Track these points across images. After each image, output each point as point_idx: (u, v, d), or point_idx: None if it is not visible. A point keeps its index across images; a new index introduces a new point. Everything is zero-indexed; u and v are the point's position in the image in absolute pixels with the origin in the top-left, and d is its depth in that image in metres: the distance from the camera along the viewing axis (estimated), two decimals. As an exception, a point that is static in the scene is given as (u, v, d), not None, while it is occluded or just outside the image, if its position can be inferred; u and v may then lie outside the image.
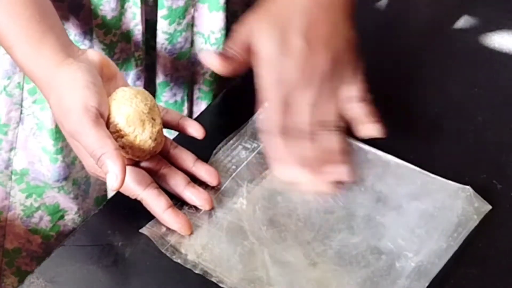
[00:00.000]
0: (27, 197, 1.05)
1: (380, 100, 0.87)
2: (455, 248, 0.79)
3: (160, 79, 1.04)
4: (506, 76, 1.05)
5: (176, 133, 0.88)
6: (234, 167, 0.86)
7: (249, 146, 0.88)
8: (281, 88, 0.84)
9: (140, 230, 0.80)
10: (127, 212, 0.81)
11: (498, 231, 0.83)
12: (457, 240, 0.80)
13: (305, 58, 0.84)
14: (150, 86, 1.04)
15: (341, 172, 0.85)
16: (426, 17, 1.16)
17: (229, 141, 0.88)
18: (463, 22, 1.15)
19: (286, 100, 0.84)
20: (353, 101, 0.86)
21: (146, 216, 0.80)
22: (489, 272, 0.80)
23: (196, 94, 1.08)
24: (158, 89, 1.05)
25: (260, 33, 0.84)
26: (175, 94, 1.05)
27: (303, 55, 0.83)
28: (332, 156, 0.85)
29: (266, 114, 0.85)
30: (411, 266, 0.78)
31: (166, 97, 1.05)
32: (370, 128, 0.85)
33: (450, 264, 0.79)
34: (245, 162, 0.86)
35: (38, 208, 1.06)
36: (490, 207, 0.84)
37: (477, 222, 0.82)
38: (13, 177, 1.04)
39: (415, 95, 1.00)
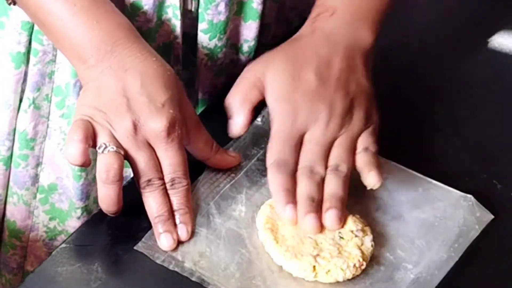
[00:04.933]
0: (50, 219, 1.03)
1: (379, 103, 0.86)
2: (456, 259, 0.79)
3: (199, 96, 1.01)
4: (506, 76, 1.05)
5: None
6: (233, 174, 0.85)
7: (248, 153, 0.87)
8: (293, 124, 0.81)
9: (135, 247, 0.78)
10: (128, 212, 0.81)
11: (498, 231, 0.83)
12: (458, 250, 0.80)
13: (318, 94, 0.82)
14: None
15: (334, 219, 0.79)
16: (425, 17, 1.16)
17: (229, 147, 0.87)
18: (463, 22, 1.15)
19: (297, 136, 0.81)
20: (362, 151, 0.82)
21: (146, 216, 0.80)
22: (489, 272, 0.80)
23: None
24: (197, 106, 1.01)
25: (273, 68, 0.84)
26: None
27: (316, 90, 0.82)
28: (333, 201, 0.79)
29: (273, 147, 0.81)
30: (410, 278, 0.77)
31: None
32: (370, 177, 0.81)
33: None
34: (245, 169, 0.85)
35: (61, 232, 1.04)
36: (492, 216, 0.83)
37: (479, 232, 0.81)
38: (38, 196, 1.02)
39: (414, 97, 1.00)
